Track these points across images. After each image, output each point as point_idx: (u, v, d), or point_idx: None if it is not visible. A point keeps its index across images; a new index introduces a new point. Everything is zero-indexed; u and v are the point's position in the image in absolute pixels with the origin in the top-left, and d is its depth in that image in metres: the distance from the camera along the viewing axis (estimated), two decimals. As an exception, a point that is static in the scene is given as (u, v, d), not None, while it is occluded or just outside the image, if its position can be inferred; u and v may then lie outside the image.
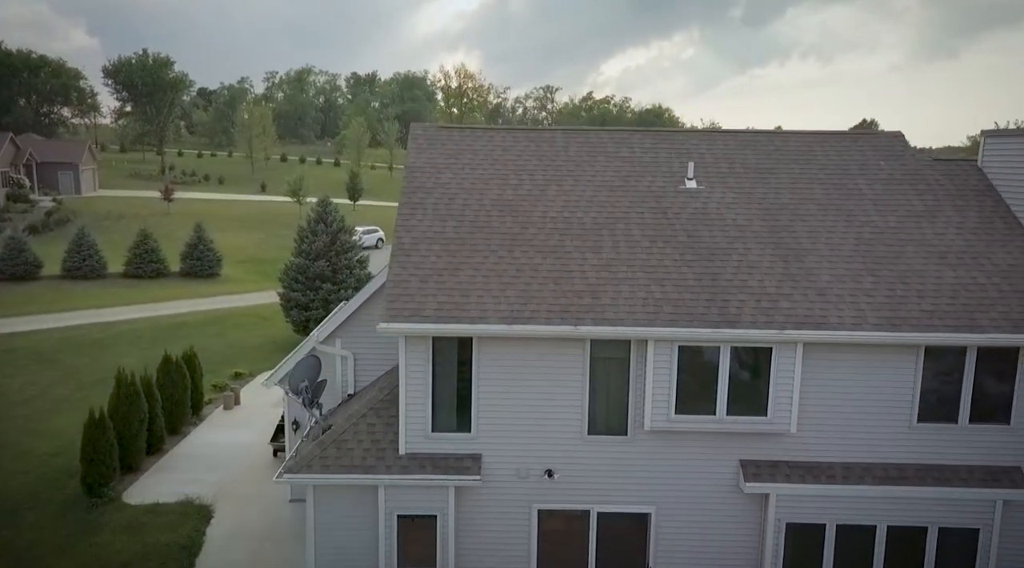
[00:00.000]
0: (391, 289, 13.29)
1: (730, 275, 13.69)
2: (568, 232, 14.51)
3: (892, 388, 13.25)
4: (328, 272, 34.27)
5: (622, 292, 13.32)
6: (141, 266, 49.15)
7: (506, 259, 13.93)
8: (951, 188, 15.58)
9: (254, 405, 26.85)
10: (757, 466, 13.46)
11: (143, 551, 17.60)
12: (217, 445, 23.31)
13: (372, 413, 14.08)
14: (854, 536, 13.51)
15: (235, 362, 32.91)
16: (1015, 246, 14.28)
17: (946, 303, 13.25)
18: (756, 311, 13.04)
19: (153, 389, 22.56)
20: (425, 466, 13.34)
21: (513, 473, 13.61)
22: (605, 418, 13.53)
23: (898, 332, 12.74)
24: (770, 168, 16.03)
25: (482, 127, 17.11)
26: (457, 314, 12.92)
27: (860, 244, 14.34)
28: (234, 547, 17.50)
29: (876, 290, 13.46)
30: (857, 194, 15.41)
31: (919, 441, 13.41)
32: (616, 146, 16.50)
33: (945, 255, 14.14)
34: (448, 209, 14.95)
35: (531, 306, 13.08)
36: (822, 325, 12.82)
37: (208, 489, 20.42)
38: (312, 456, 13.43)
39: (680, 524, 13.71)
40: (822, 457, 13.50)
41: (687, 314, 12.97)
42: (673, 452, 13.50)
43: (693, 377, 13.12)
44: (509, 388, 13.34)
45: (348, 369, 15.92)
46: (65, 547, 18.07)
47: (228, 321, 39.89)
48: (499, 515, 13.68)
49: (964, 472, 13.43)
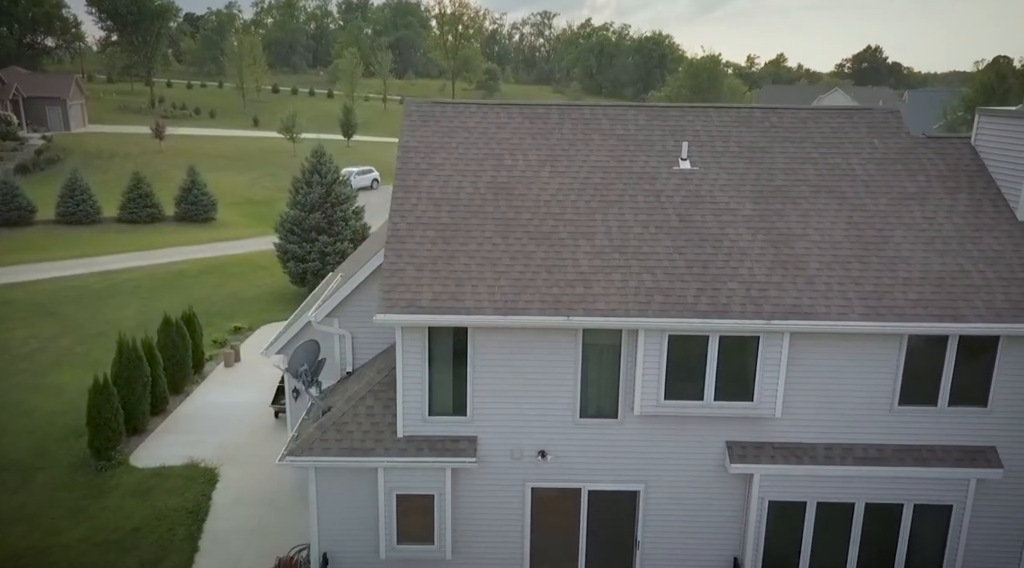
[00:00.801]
0: (387, 279, 13.51)
1: (721, 262, 13.91)
2: (562, 217, 14.64)
3: (875, 373, 13.65)
4: (324, 224, 34.34)
5: (614, 281, 13.56)
6: (136, 211, 49.05)
7: (500, 246, 14.10)
8: (943, 168, 15.66)
9: (254, 362, 27.27)
10: (743, 448, 13.96)
11: (153, 515, 18.29)
12: (219, 405, 23.87)
13: (371, 395, 14.49)
14: (833, 512, 14.13)
15: (233, 315, 33.30)
16: (1002, 231, 14.48)
17: (931, 291, 13.53)
18: (745, 300, 13.31)
19: (154, 351, 22.97)
20: (423, 449, 13.82)
21: (507, 454, 14.11)
22: (596, 402, 13.96)
23: (883, 322, 13.06)
24: (764, 146, 16.05)
25: (476, 103, 16.98)
26: (452, 304, 13.18)
27: (850, 229, 14.52)
28: (239, 513, 18.19)
29: (864, 277, 13.71)
30: (850, 175, 15.50)
31: (899, 423, 13.89)
32: (611, 123, 16.46)
33: (933, 240, 14.34)
34: (443, 192, 15.03)
35: (525, 296, 13.33)
36: (809, 315, 13.12)
37: (212, 451, 21.05)
38: (313, 439, 13.89)
39: (668, 501, 14.30)
40: (805, 438, 14.00)
41: (677, 304, 13.24)
42: (662, 434, 13.98)
43: (682, 364, 13.49)
44: (504, 374, 13.71)
45: (346, 348, 16.25)
46: (77, 510, 18.76)
47: (225, 270, 40.10)
48: (494, 493, 14.24)
49: (941, 452, 13.95)
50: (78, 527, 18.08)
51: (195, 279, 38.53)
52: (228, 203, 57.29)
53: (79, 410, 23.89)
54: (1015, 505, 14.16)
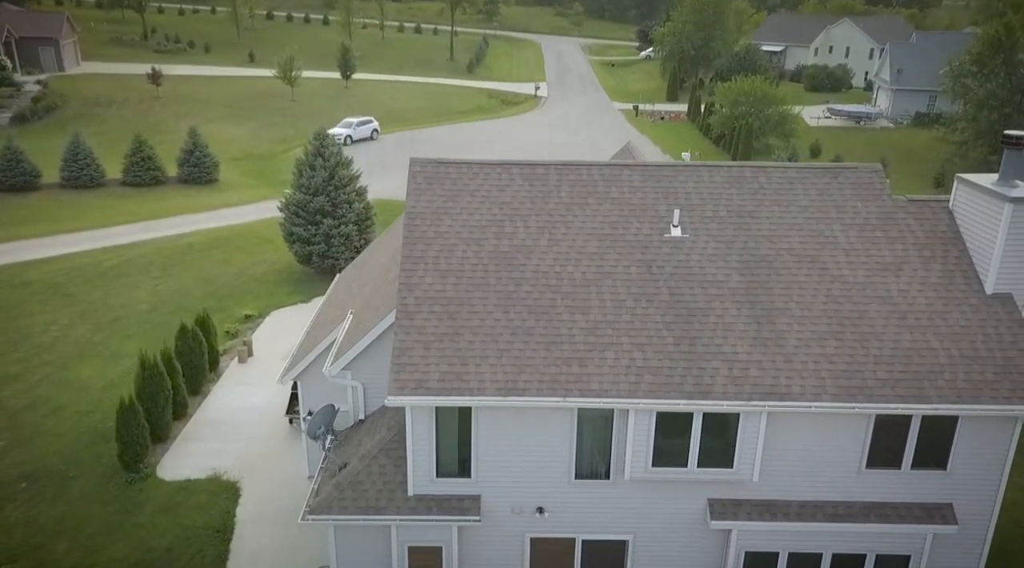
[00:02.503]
0: (396, 358, 14.62)
1: (707, 338, 15.00)
2: (559, 289, 15.63)
3: (845, 442, 14.95)
4: (328, 207, 35.09)
5: (607, 359, 14.69)
6: (139, 174, 49.52)
7: (502, 321, 15.16)
8: (921, 235, 16.52)
9: (266, 357, 28.64)
10: (723, 505, 15.39)
11: (183, 535, 19.93)
12: (235, 409, 25.28)
13: (382, 454, 15.83)
14: (803, 562, 15.70)
15: (243, 298, 34.47)
16: (969, 306, 15.49)
17: (899, 370, 14.67)
18: (727, 380, 14.47)
19: (173, 362, 24.26)
20: (431, 507, 15.25)
21: (508, 509, 15.56)
22: (590, 465, 15.31)
23: (852, 403, 14.26)
24: (752, 211, 16.87)
25: (478, 163, 17.65)
26: (458, 385, 14.35)
27: (829, 303, 15.53)
28: (262, 532, 19.81)
29: (838, 355, 14.82)
30: (832, 243, 16.38)
31: (866, 484, 15.28)
32: (607, 185, 17.22)
33: (905, 315, 15.38)
34: (448, 263, 15.96)
35: (524, 375, 14.48)
36: (785, 396, 14.31)
37: (232, 461, 22.58)
38: (331, 498, 15.30)
39: (654, 550, 15.85)
40: (780, 496, 15.41)
41: (665, 384, 14.41)
42: (650, 494, 15.39)
43: (669, 435, 14.78)
44: (505, 441, 15.00)
45: (359, 398, 17.51)
46: (113, 526, 20.40)
47: (232, 243, 41.03)
48: (496, 543, 15.77)
49: (903, 508, 15.39)
50: (115, 545, 19.76)
51: (203, 254, 39.51)
52: (229, 159, 57.60)
53: (104, 410, 25.48)
54: (967, 554, 15.70)
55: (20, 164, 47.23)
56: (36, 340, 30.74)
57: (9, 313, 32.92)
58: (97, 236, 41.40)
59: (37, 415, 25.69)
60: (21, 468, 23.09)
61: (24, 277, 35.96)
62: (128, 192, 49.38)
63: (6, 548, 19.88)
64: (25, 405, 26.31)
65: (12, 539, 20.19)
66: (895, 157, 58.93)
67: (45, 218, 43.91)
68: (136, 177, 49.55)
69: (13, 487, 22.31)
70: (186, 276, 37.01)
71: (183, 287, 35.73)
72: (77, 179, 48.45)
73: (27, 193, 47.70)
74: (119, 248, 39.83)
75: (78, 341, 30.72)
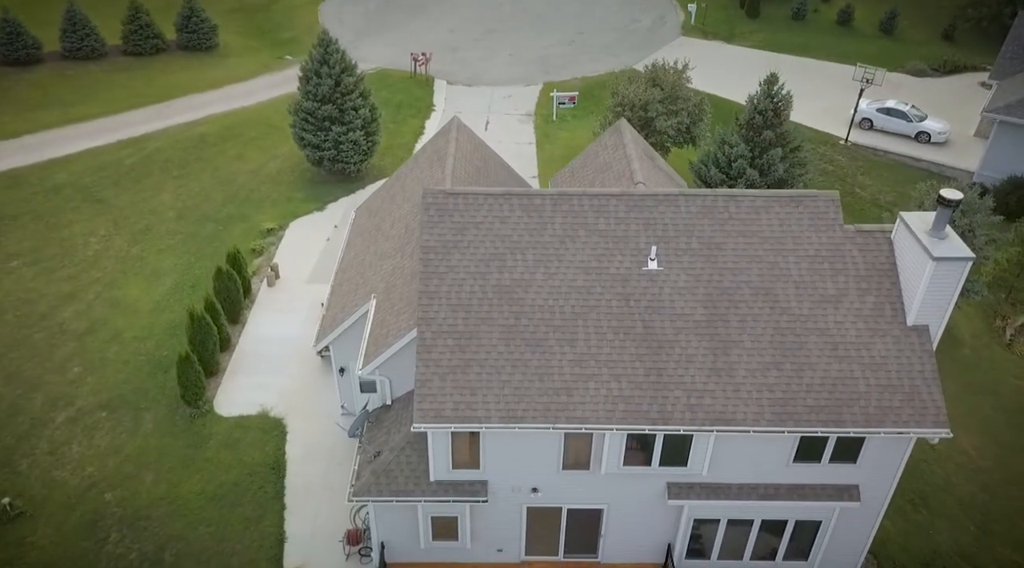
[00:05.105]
0: (419, 389, 18.10)
1: (671, 370, 18.34)
2: (552, 323, 18.71)
3: (777, 448, 18.82)
4: (336, 114, 36.55)
5: (589, 389, 18.16)
6: (139, 43, 49.62)
7: (504, 354, 18.44)
8: (862, 267, 19.20)
9: (292, 278, 31.91)
10: (679, 487, 19.58)
11: (245, 471, 24.41)
12: (271, 340, 28.94)
13: (409, 446, 19.79)
14: (738, 525, 20.21)
15: (261, 204, 37.03)
16: (892, 337, 18.62)
17: (825, 397, 18.16)
18: (685, 408, 18.03)
19: (216, 307, 27.73)
20: (449, 491, 19.48)
21: (509, 488, 19.79)
22: (575, 460, 19.32)
23: (783, 427, 17.92)
24: (720, 243, 19.39)
25: (483, 193, 19.82)
26: (468, 414, 17.96)
27: (776, 335, 18.65)
28: (310, 470, 24.30)
29: (776, 384, 18.25)
30: (785, 276, 19.13)
31: (792, 472, 19.35)
32: (595, 216, 19.58)
33: (837, 347, 18.56)
34: (458, 297, 18.90)
35: (522, 405, 18.04)
36: (731, 422, 17.94)
37: (275, 397, 26.63)
38: (370, 484, 19.49)
39: (623, 516, 20.32)
40: (723, 481, 19.56)
41: (634, 412, 18.00)
42: (621, 480, 19.54)
43: (636, 446, 18.64)
44: (506, 445, 18.87)
45: (386, 388, 21.17)
46: (187, 460, 24.85)
47: (243, 134, 42.64)
48: (500, 511, 20.18)
49: (819, 489, 19.59)
50: (192, 478, 24.31)
51: (217, 148, 41.31)
52: (223, 12, 56.80)
53: (157, 337, 29.31)
54: (863, 524, 20.17)
55: (20, 36, 47.27)
56: (80, 254, 33.70)
57: (48, 222, 35.56)
58: (113, 125, 42.82)
59: (99, 340, 29.36)
60: (99, 397, 27.13)
61: (53, 180, 38.15)
62: (131, 63, 49.73)
63: (103, 477, 24.38)
64: (87, 328, 29.88)
65: (107, 468, 24.63)
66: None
67: (57, 101, 44.87)
68: (137, 46, 49.68)
69: (95, 416, 26.50)
70: (204, 175, 39.16)
71: (203, 190, 38.05)
72: (79, 50, 48.66)
73: (32, 67, 48.17)
74: (136, 141, 41.53)
75: (119, 255, 33.69)
